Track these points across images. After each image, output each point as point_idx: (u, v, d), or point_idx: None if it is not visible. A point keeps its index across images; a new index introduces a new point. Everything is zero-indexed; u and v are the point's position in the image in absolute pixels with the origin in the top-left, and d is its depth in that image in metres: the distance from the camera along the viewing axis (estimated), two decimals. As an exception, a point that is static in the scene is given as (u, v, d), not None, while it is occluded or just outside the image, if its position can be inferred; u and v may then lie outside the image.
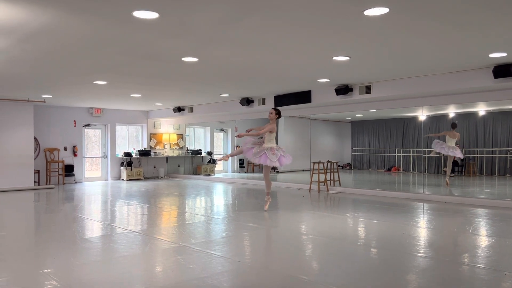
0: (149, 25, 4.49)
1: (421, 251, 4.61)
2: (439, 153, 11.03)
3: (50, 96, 10.62)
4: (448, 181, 10.64)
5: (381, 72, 7.46)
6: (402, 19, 4.37)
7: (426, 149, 14.23)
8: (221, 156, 7.73)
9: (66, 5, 3.85)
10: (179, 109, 13.21)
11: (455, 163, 13.78)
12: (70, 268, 4.05)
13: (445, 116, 13.97)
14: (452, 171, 13.67)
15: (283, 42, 5.28)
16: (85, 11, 4.03)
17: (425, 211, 7.44)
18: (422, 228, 5.95)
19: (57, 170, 12.68)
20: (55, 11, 4.00)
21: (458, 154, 10.43)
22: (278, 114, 7.09)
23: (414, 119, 15.06)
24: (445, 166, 13.98)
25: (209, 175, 15.32)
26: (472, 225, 6.05)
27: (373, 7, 3.96)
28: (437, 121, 14.30)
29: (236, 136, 7.38)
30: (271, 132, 6.93)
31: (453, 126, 10.71)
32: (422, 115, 12.68)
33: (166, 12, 4.06)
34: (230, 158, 7.37)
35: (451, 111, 13.47)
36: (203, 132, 16.79)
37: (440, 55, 6.11)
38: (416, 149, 15.27)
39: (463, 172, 13.96)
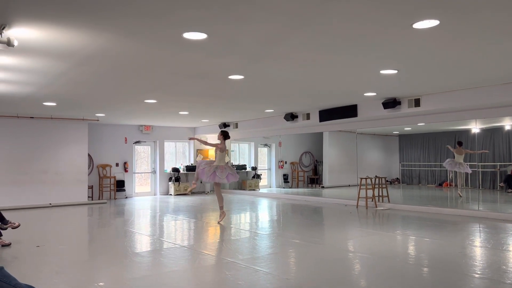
0: (197, 46, 4.63)
1: (479, 272, 4.38)
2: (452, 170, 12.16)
3: (103, 115, 11.14)
4: (460, 193, 11.27)
5: (431, 84, 7.24)
6: (453, 31, 4.25)
7: (480, 163, 13.59)
8: (189, 187, 8.17)
9: (121, 29, 4.06)
10: (224, 125, 13.43)
11: (510, 177, 13.06)
12: (123, 282, 4.18)
13: (500, 128, 13.28)
14: (510, 187, 12.95)
15: (329, 57, 5.27)
16: (138, 35, 4.24)
17: (481, 229, 7.07)
18: (478, 247, 5.65)
19: (109, 185, 13.20)
20: (110, 34, 4.23)
21: (466, 169, 11.35)
22: (224, 135, 7.77)
23: (466, 132, 14.40)
24: (501, 181, 13.34)
25: (253, 190, 15.38)
26: (534, 245, 5.67)
27: (423, 20, 3.88)
28: (491, 134, 13.62)
29: (189, 138, 8.63)
30: (220, 151, 7.60)
31: (460, 144, 11.57)
32: (475, 128, 12.14)
33: (214, 32, 4.19)
34: (196, 182, 8.01)
35: (507, 123, 12.79)
36: (248, 147, 16.93)
37: (495, 66, 5.86)
38: (469, 163, 14.59)
39: (522, 187, 13.15)
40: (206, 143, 7.92)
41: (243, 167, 15.99)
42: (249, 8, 3.55)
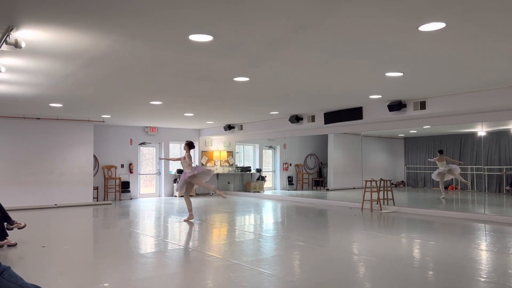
0: (203, 48, 4.65)
1: (484, 276, 4.35)
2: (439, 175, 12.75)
3: (109, 116, 11.19)
4: (460, 193, 12.84)
5: (437, 87, 7.22)
6: (459, 33, 4.24)
7: (486, 167, 13.52)
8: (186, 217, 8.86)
9: (127, 31, 4.08)
10: (229, 127, 13.45)
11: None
12: (127, 283, 4.19)
13: (507, 131, 13.20)
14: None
15: (334, 59, 5.27)
16: (144, 37, 4.26)
17: (487, 232, 7.02)
18: (484, 251, 5.62)
19: (114, 186, 13.24)
20: (117, 36, 4.25)
21: (455, 170, 12.37)
22: (188, 146, 8.67)
23: (472, 135, 14.35)
24: (507, 185, 13.28)
25: (258, 192, 15.37)
26: (541, 249, 5.63)
27: (429, 23, 3.87)
28: (497, 136, 13.55)
29: (159, 158, 10.13)
30: (184, 159, 8.60)
31: (440, 152, 12.47)
32: (481, 130, 12.08)
33: (219, 34, 4.20)
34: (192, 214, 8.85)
35: (514, 127, 12.71)
36: (252, 149, 16.94)
37: (502, 68, 5.83)
38: (475, 166, 14.52)
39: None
40: (173, 159, 9.71)
41: (247, 169, 16.00)
42: (254, 10, 3.56)
